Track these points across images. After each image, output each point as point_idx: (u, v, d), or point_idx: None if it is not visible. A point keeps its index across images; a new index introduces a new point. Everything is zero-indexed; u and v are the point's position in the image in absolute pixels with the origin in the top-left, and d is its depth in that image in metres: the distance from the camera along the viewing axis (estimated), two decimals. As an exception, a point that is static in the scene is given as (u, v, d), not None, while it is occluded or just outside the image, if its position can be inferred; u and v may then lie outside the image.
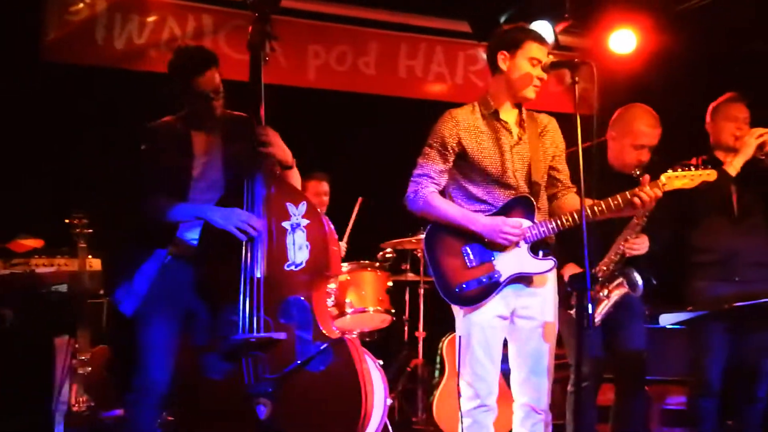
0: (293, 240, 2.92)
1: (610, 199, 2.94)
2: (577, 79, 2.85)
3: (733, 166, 3.58)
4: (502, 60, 3.03)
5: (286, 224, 2.93)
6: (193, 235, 3.03)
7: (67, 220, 4.22)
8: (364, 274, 4.48)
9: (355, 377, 2.84)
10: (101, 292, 4.43)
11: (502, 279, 2.94)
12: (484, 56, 5.82)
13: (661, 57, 5.74)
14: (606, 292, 3.39)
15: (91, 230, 4.23)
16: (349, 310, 4.36)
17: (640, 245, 3.42)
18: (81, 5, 5.01)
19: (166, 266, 3.03)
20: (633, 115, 3.54)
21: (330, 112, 5.65)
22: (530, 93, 3.03)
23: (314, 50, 5.60)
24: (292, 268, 2.91)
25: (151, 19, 5.15)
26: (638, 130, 3.48)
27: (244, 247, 2.88)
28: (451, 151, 3.02)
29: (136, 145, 3.09)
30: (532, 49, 2.99)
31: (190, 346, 2.95)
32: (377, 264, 4.60)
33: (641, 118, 3.51)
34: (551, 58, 3.02)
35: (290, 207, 2.95)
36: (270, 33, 3.01)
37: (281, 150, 3.05)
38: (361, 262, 4.53)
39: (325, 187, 4.88)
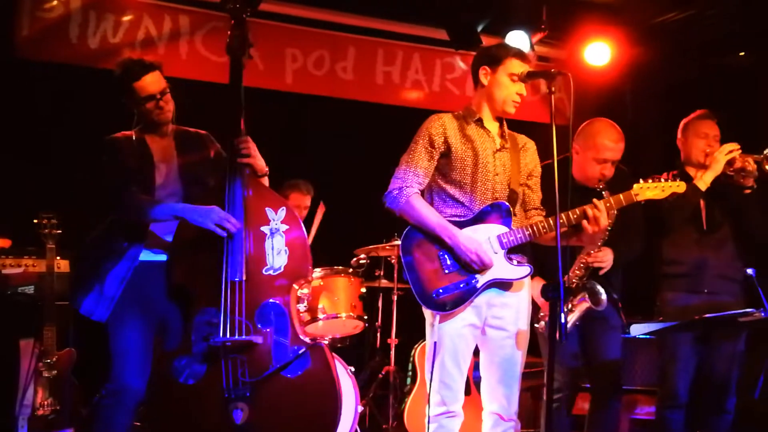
0: (272, 245, 2.93)
1: (569, 212, 2.96)
2: (553, 89, 2.87)
3: (703, 180, 3.63)
4: (484, 75, 3.10)
5: (265, 229, 2.95)
6: (167, 237, 3.03)
7: (35, 220, 4.14)
8: (337, 279, 4.46)
9: (332, 382, 2.85)
10: (67, 293, 4.36)
11: (479, 285, 2.95)
12: (461, 64, 5.96)
13: (635, 70, 5.82)
14: (570, 306, 3.41)
15: (59, 231, 4.16)
16: (321, 315, 4.34)
17: (603, 258, 3.45)
18: (55, 2, 4.93)
19: (138, 269, 3.01)
20: (596, 129, 3.56)
21: (307, 116, 5.63)
22: (510, 108, 3.09)
23: (292, 53, 5.58)
24: (271, 272, 2.93)
25: (126, 18, 5.09)
26: (601, 144, 3.50)
27: (224, 251, 2.87)
28: (437, 150, 3.04)
29: (99, 157, 3.13)
30: (513, 65, 3.04)
31: (162, 350, 2.93)
32: (351, 270, 4.59)
33: (604, 132, 3.53)
34: (527, 67, 3.05)
35: (269, 212, 2.97)
36: (247, 38, 3.02)
37: (258, 160, 3.09)
38: (335, 267, 4.51)
39: (307, 201, 4.87)
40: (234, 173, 2.96)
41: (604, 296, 3.36)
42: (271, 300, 2.91)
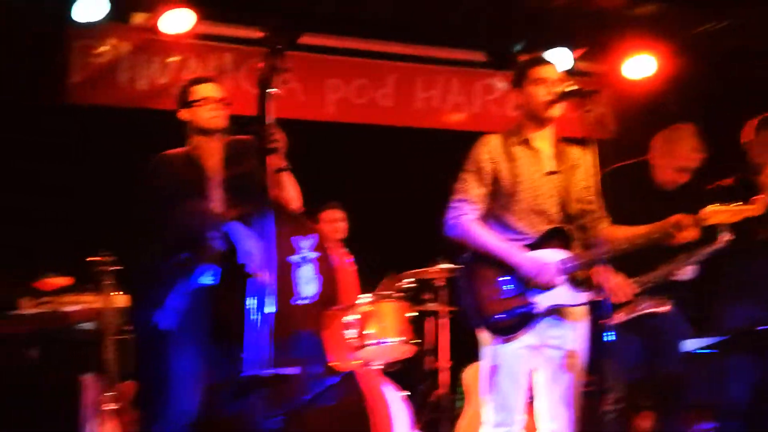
0: (302, 274, 2.91)
1: (648, 229, 2.91)
2: (589, 107, 2.86)
3: None
4: (516, 96, 3.13)
5: (294, 258, 2.93)
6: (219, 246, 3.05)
7: (93, 259, 4.28)
8: (385, 304, 4.47)
9: (364, 412, 2.87)
10: (126, 328, 4.47)
11: (539, 310, 2.93)
12: (501, 85, 5.96)
13: (677, 80, 5.75)
14: (638, 306, 3.33)
15: (116, 267, 4.29)
16: (370, 341, 4.35)
17: (688, 270, 3.39)
18: (104, 48, 5.12)
19: (194, 292, 3.05)
20: (678, 136, 3.49)
21: (349, 145, 5.70)
22: (550, 112, 3.05)
23: (333, 84, 5.67)
24: (301, 302, 2.90)
25: (172, 59, 5.26)
26: (682, 153, 3.42)
27: (252, 282, 2.86)
28: (487, 175, 3.04)
29: (151, 176, 3.18)
30: (534, 72, 3.06)
31: (207, 378, 2.95)
32: (398, 294, 4.60)
33: (686, 140, 3.46)
34: (567, 85, 3.03)
35: (299, 241, 2.95)
36: (279, 67, 3.05)
37: (285, 150, 3.06)
38: (382, 292, 4.53)
39: (338, 214, 4.91)
40: (264, 203, 2.87)
41: (668, 307, 3.30)
42: (303, 330, 2.89)
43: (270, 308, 2.82)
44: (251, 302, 2.85)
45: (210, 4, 5.10)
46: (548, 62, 3.12)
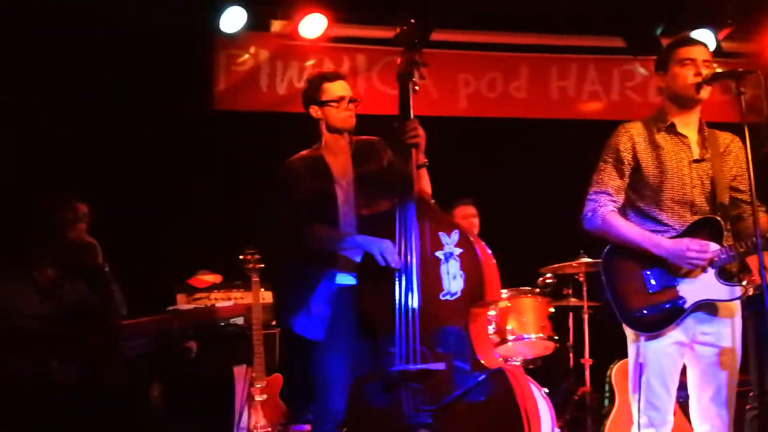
0: (447, 269, 2.90)
1: None
2: (742, 89, 2.69)
3: None
4: (660, 80, 2.98)
5: (439, 254, 2.92)
6: (357, 258, 3.10)
7: (240, 257, 4.52)
8: (524, 300, 4.42)
9: (515, 409, 2.76)
10: (273, 323, 4.69)
11: (686, 305, 2.79)
12: (642, 70, 5.73)
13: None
14: None
15: (262, 265, 4.51)
16: (510, 337, 4.31)
17: None
18: (246, 56, 5.39)
19: (337, 291, 3.12)
20: None
21: (483, 139, 5.67)
22: (697, 93, 2.88)
23: (465, 79, 5.66)
24: (448, 297, 2.89)
25: (309, 63, 5.45)
26: None
27: (397, 278, 2.91)
28: (627, 165, 2.92)
29: (282, 181, 3.25)
30: (682, 52, 2.90)
31: (356, 374, 3.02)
32: (537, 290, 4.53)
33: None
34: (715, 67, 2.88)
35: (443, 236, 2.93)
36: (418, 61, 3.06)
37: (424, 144, 3.05)
38: (521, 288, 4.48)
39: (471, 210, 4.89)
40: (406, 197, 2.95)
41: None
42: (449, 326, 2.88)
43: (415, 303, 2.88)
44: (396, 298, 2.90)
45: (341, 7, 5.24)
46: (697, 42, 2.95)
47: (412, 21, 3.06)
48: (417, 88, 3.05)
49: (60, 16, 4.66)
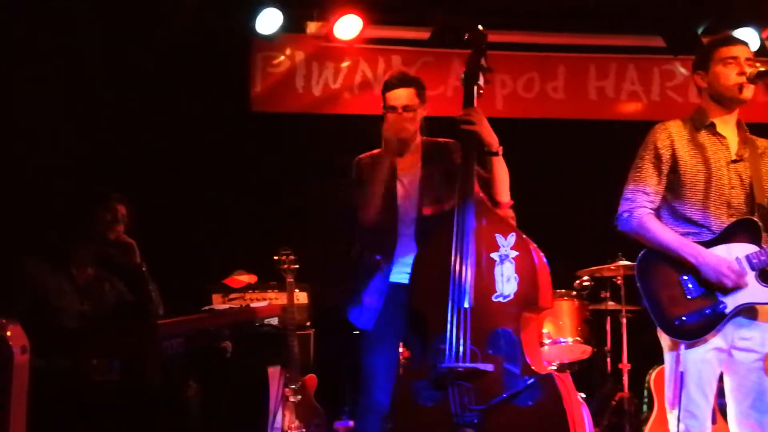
0: (501, 271, 2.90)
1: None
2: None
3: None
4: (700, 79, 2.92)
5: (494, 255, 2.92)
6: (410, 257, 3.13)
7: (275, 257, 4.55)
8: (560, 303, 4.37)
9: (563, 415, 2.75)
10: (308, 323, 4.71)
11: (727, 310, 2.73)
12: (682, 70, 5.63)
13: None
14: None
15: (297, 265, 4.53)
16: (546, 341, 4.27)
17: None
18: (282, 58, 5.42)
19: (391, 287, 3.17)
20: None
21: (519, 140, 5.61)
22: (745, 94, 2.82)
23: (501, 79, 5.62)
24: (500, 299, 2.89)
25: (344, 64, 5.46)
26: None
27: (452, 277, 2.91)
28: (665, 163, 2.87)
29: (347, 176, 3.32)
30: (724, 51, 2.85)
31: (405, 371, 3.03)
32: (574, 293, 4.47)
33: None
34: (758, 66, 2.82)
35: (499, 238, 2.94)
36: (484, 66, 3.08)
37: (486, 131, 3.06)
38: (557, 291, 4.43)
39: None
40: (465, 198, 2.97)
41: None
42: (501, 328, 2.88)
43: (467, 303, 2.88)
44: (450, 296, 2.90)
45: (377, 8, 5.24)
46: (739, 41, 2.89)
47: (480, 27, 3.11)
48: (482, 92, 3.08)
49: (102, 20, 4.73)
